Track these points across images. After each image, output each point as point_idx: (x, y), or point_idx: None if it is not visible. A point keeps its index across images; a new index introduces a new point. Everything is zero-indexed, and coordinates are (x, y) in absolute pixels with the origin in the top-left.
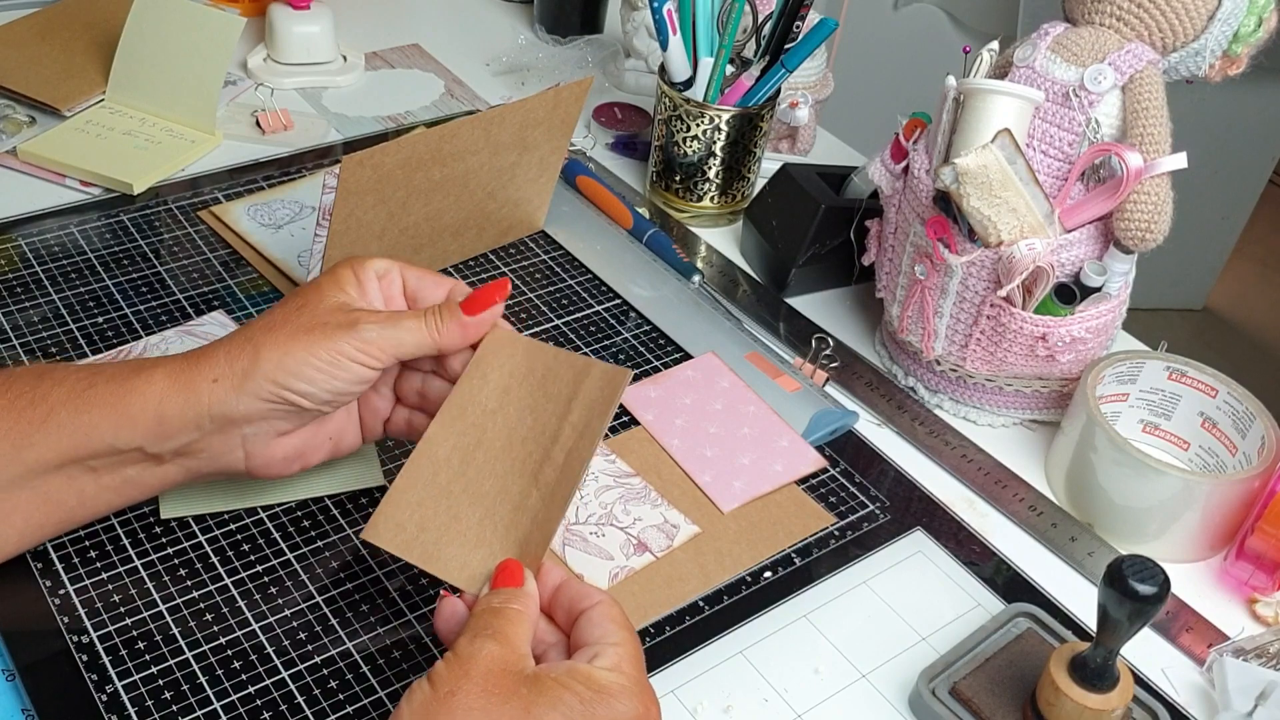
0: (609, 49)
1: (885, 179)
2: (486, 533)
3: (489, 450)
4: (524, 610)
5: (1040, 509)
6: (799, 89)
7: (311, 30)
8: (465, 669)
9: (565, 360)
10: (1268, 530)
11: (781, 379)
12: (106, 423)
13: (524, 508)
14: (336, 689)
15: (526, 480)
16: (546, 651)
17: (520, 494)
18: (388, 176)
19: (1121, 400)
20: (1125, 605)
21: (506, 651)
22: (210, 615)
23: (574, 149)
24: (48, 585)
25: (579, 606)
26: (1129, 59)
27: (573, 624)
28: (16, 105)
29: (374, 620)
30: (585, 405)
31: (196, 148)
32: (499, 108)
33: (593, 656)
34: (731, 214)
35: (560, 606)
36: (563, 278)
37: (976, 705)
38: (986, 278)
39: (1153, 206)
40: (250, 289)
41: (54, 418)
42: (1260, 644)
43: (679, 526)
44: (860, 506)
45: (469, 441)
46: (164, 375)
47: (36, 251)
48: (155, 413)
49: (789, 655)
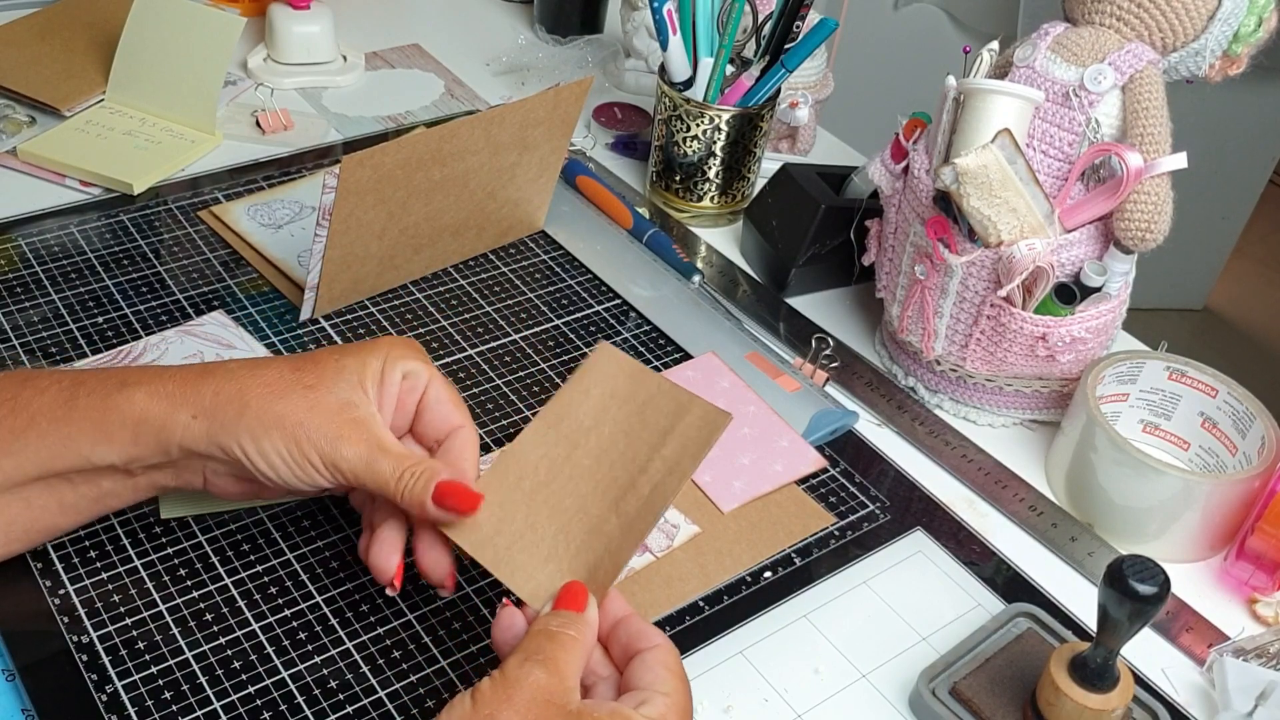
0: (609, 49)
1: (885, 179)
2: (559, 549)
3: (577, 466)
4: (579, 638)
5: (1040, 509)
6: (799, 89)
7: (311, 30)
8: (509, 693)
9: (669, 392)
10: (1268, 530)
11: (781, 379)
12: (85, 437)
13: (600, 532)
14: (336, 689)
15: (608, 505)
16: (596, 685)
17: (599, 517)
18: (388, 176)
19: (1121, 400)
20: (1125, 605)
21: (554, 681)
22: (210, 615)
23: (574, 149)
24: (48, 585)
25: (637, 645)
26: (1129, 59)
27: (628, 662)
28: (16, 105)
29: (374, 620)
30: (680, 441)
31: (196, 148)
32: (499, 108)
33: (640, 702)
34: (731, 214)
35: (618, 641)
36: (563, 278)
37: (976, 705)
38: (986, 278)
39: (1153, 206)
40: (250, 289)
41: (35, 427)
42: (1260, 644)
43: (679, 526)
44: (860, 506)
45: (559, 453)
46: (145, 397)
47: (36, 251)
48: (132, 434)
49: (789, 655)
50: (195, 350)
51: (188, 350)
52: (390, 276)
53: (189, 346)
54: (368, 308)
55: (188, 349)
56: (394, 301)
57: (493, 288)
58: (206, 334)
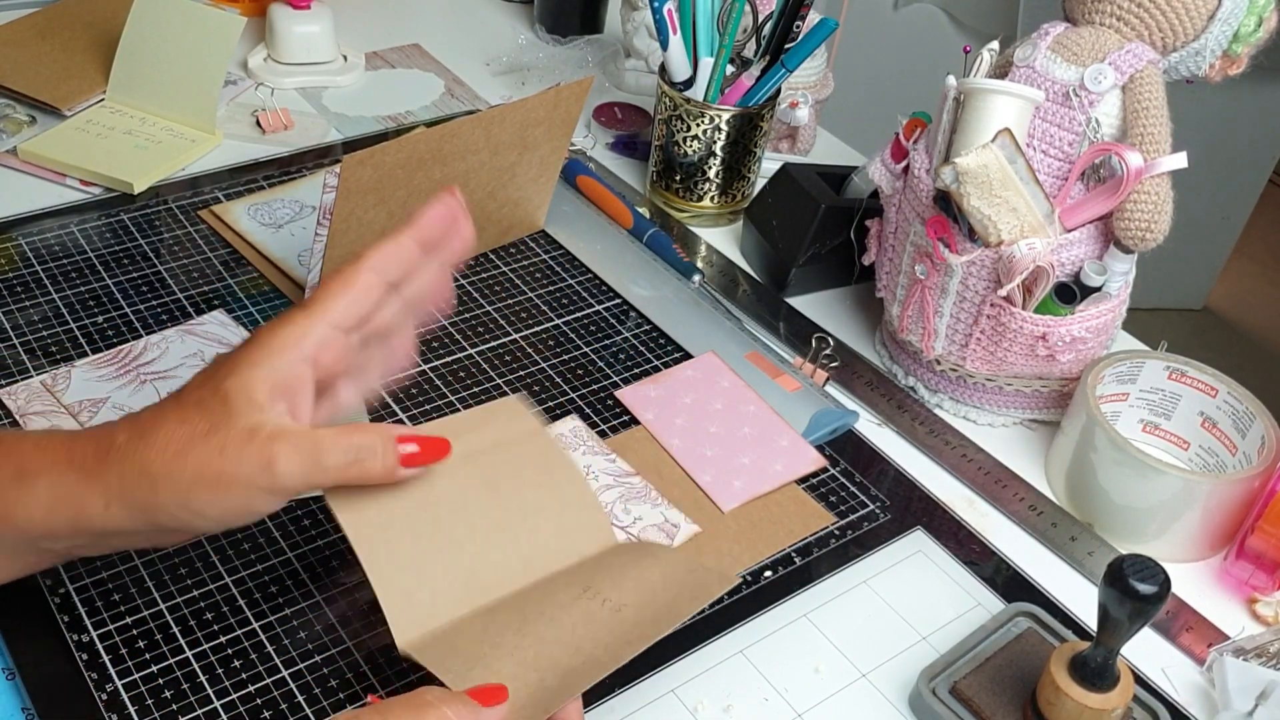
0: (609, 49)
1: (885, 179)
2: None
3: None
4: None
5: (1040, 509)
6: (799, 89)
7: (312, 30)
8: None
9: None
10: (1268, 530)
11: (781, 379)
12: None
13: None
14: (336, 688)
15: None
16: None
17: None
18: (388, 176)
19: (1121, 400)
20: (1125, 605)
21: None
22: (210, 615)
23: (574, 149)
24: (48, 585)
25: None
26: (1129, 59)
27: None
28: (17, 105)
29: (374, 620)
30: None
31: (197, 147)
32: (499, 107)
33: None
34: (731, 214)
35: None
36: (563, 277)
37: (977, 705)
38: (986, 277)
39: (1153, 206)
40: (250, 288)
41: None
42: (1260, 644)
43: (679, 526)
44: (860, 506)
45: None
46: (48, 490)
47: (36, 251)
48: (41, 528)
49: (789, 655)
50: (196, 349)
51: (188, 350)
52: None
53: (190, 346)
54: None
55: (188, 348)
56: None
57: (493, 287)
58: (207, 333)
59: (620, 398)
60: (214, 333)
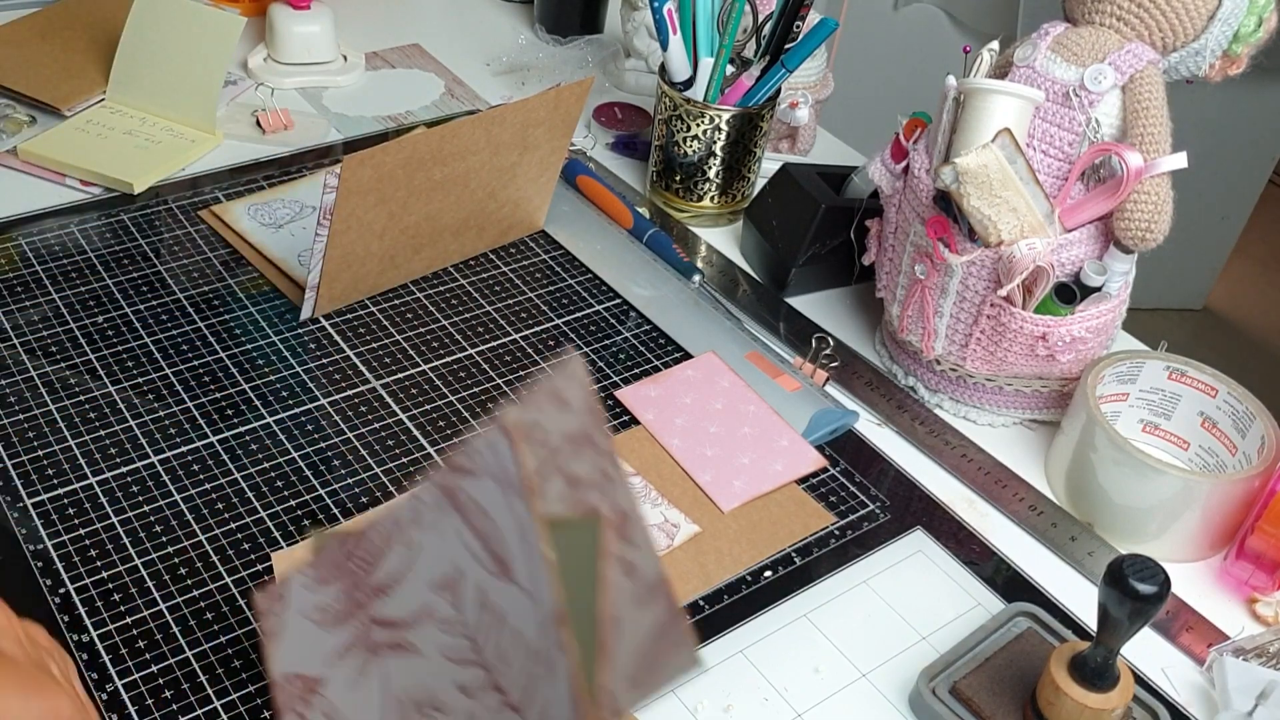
0: (609, 49)
1: (885, 179)
2: None
3: None
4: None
5: (1040, 508)
6: (799, 89)
7: (312, 30)
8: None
9: None
10: (1268, 530)
11: (781, 378)
12: None
13: None
14: None
15: None
16: None
17: None
18: (388, 176)
19: (1121, 400)
20: (1125, 605)
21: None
22: (210, 614)
23: (574, 149)
24: (48, 585)
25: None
26: (1129, 59)
27: None
28: (17, 105)
29: None
30: None
31: (197, 147)
32: (499, 108)
33: None
34: (731, 214)
35: None
36: (563, 277)
37: (977, 705)
38: (986, 277)
39: (1153, 206)
40: (251, 288)
41: None
42: (1260, 644)
43: (679, 526)
44: (860, 506)
45: None
46: None
47: (36, 251)
48: None
49: (789, 655)
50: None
51: (441, 556)
52: (391, 276)
53: (449, 544)
54: (368, 307)
55: (442, 550)
56: (394, 301)
57: (493, 287)
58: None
59: (620, 397)
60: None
